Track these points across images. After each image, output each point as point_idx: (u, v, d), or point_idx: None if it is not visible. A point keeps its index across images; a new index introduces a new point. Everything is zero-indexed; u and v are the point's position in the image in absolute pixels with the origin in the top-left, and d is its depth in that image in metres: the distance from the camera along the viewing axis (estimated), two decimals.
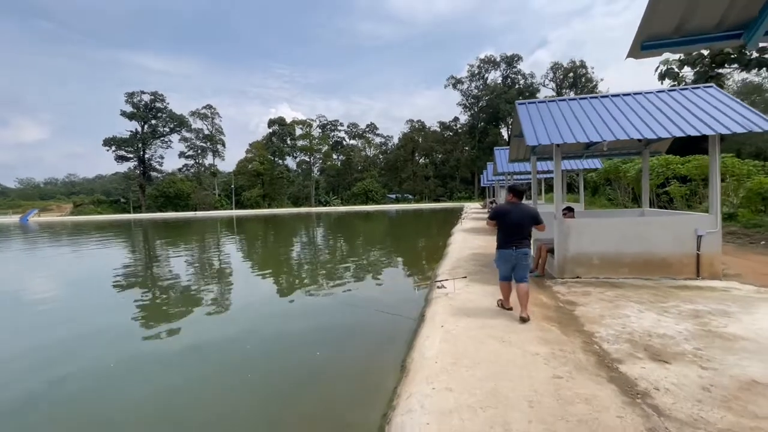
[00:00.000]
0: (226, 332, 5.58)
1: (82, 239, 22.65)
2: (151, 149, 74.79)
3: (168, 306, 7.15)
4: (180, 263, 12.42)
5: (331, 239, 19.18)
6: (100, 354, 4.91)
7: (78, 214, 64.43)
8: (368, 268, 10.16)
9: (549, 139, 6.09)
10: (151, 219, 48.87)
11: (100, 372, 4.37)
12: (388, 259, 11.63)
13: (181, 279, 9.63)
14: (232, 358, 4.66)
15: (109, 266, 12.01)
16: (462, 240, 11.61)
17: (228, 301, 7.48)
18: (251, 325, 5.91)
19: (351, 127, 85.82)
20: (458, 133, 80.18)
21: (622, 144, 8.09)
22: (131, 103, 72.30)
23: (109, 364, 4.54)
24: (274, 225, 31.25)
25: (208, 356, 4.75)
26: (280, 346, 5.10)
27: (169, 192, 67.31)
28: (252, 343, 5.08)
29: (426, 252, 12.81)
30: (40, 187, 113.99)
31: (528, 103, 7.37)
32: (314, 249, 15.32)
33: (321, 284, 8.38)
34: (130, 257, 14.33)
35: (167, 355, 4.88)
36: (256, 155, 71.92)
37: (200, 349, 4.98)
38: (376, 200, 70.36)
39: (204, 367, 4.44)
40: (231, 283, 9.23)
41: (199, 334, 5.57)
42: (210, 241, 19.59)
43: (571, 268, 6.10)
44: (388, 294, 7.35)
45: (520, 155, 9.37)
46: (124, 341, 5.38)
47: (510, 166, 14.82)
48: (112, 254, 15.47)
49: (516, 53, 73.64)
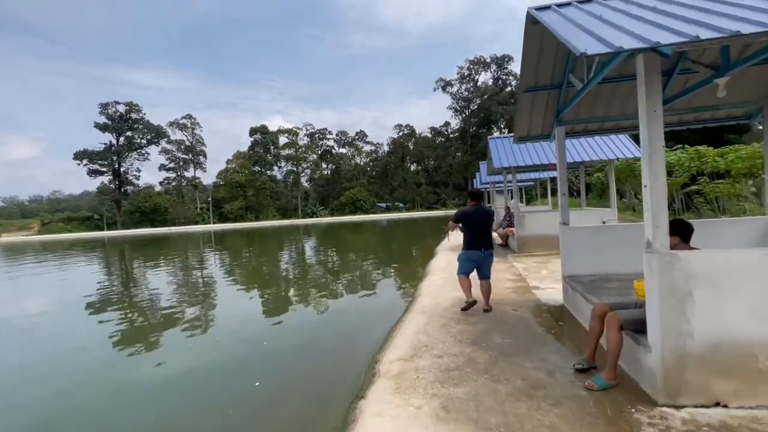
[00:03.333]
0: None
1: (26, 261, 20.03)
2: (127, 162, 70.95)
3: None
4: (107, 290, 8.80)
5: (283, 263, 15.63)
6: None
7: (46, 232, 60.17)
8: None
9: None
10: (116, 236, 44.87)
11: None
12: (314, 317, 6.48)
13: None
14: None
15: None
16: (446, 267, 8.11)
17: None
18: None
19: (340, 135, 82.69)
20: (450, 138, 77.28)
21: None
22: (105, 114, 68.62)
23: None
24: (243, 241, 27.56)
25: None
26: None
27: (145, 207, 63.27)
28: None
29: (384, 295, 7.37)
30: (24, 205, 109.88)
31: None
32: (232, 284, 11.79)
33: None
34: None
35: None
36: (237, 165, 68.19)
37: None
38: (365, 209, 66.78)
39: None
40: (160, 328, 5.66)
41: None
42: (159, 266, 15.90)
43: (698, 377, 2.31)
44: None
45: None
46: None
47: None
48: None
49: (507, 54, 71.27)
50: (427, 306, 5.17)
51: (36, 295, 10.77)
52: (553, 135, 5.02)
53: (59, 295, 10.22)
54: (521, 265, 7.70)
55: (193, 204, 69.82)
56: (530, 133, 5.27)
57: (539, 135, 5.29)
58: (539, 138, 5.39)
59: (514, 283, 6.17)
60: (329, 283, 9.33)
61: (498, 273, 7.04)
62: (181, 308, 7.42)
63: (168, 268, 14.73)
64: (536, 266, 7.47)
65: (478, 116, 70.95)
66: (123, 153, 69.74)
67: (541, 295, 5.34)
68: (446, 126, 78.17)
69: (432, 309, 4.99)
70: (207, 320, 6.63)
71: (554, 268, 7.11)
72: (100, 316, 7.30)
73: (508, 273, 7.04)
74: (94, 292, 9.65)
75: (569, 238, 4.56)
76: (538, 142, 5.94)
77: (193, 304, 7.91)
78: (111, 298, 9.09)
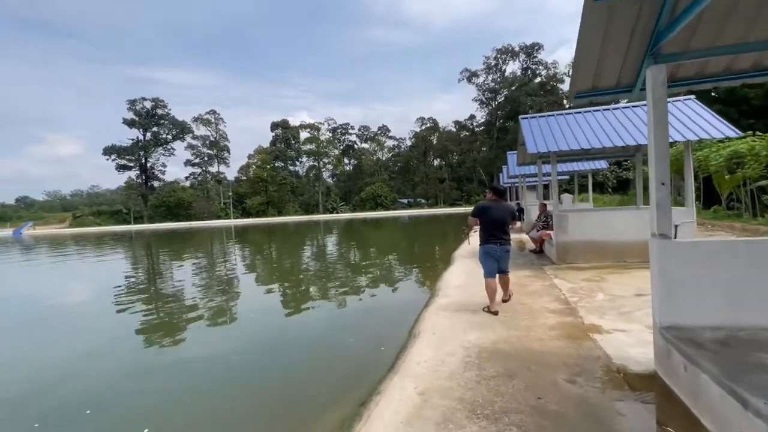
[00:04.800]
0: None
1: (55, 252, 20.84)
2: (153, 157, 72.31)
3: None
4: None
5: (284, 262, 14.07)
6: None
7: (77, 225, 62.12)
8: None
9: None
10: (141, 230, 45.33)
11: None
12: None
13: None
14: None
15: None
16: (463, 284, 6.20)
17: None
18: None
19: (362, 130, 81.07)
20: (475, 132, 74.05)
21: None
22: (133, 110, 70.01)
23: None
24: (255, 238, 26.47)
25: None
26: None
27: (169, 201, 64.12)
28: None
29: (364, 343, 4.62)
30: (66, 199, 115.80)
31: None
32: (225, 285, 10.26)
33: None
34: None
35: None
36: (257, 160, 67.98)
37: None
38: (385, 206, 65.00)
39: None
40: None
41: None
42: (164, 261, 14.82)
43: None
44: None
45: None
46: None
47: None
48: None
49: (536, 42, 67.26)
50: (423, 366, 3.25)
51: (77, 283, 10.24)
52: (640, 84, 2.97)
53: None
54: (565, 283, 5.70)
55: (217, 199, 70.30)
56: (598, 85, 3.09)
57: (614, 87, 3.13)
58: (616, 92, 3.17)
59: (559, 317, 4.21)
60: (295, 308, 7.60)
61: (534, 297, 5.09)
62: (206, 301, 7.22)
63: (185, 263, 13.54)
64: (587, 286, 5.45)
65: (504, 108, 67.38)
66: (149, 148, 71.11)
67: (609, 345, 3.38)
68: (471, 119, 74.98)
69: (429, 373, 3.09)
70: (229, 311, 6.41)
71: (615, 291, 5.08)
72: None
73: (548, 297, 5.07)
74: (120, 281, 9.27)
75: (676, 261, 2.56)
76: (615, 97, 3.26)
77: (215, 296, 7.99)
78: (141, 288, 7.82)
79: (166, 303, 7.59)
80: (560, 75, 65.74)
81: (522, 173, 15.02)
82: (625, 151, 8.67)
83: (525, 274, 6.53)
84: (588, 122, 7.40)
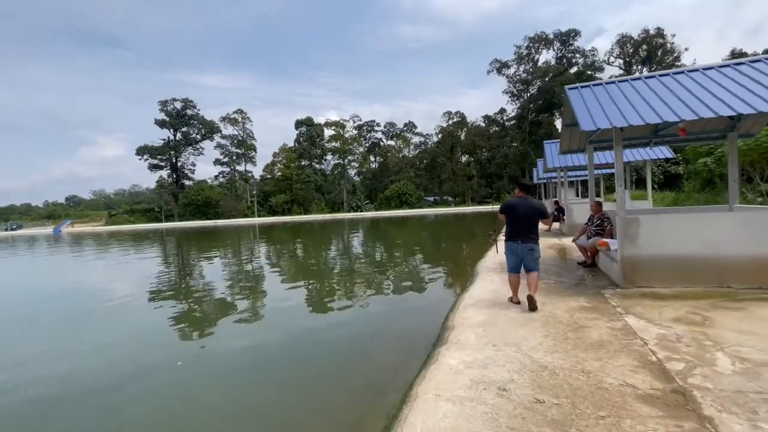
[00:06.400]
0: None
1: (87, 248, 22.87)
2: (183, 156, 73.84)
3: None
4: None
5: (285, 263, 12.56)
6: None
7: (113, 224, 64.44)
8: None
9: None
10: (172, 228, 45.95)
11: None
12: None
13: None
14: None
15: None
16: (489, 320, 4.32)
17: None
18: None
19: (388, 127, 79.20)
20: (505, 126, 70.36)
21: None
22: (164, 111, 71.70)
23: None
24: (276, 236, 25.41)
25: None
26: None
27: (197, 200, 65.17)
28: None
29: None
30: (110, 198, 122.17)
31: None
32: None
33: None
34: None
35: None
36: (282, 158, 67.80)
37: None
38: (410, 204, 62.94)
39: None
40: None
41: None
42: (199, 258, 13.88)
43: None
44: None
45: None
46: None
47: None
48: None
49: (573, 28, 62.72)
50: None
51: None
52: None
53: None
54: (648, 326, 3.66)
55: (245, 197, 70.85)
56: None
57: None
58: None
59: (662, 418, 2.27)
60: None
61: (602, 355, 3.12)
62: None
63: (207, 260, 12.45)
64: (687, 335, 3.40)
65: (537, 101, 63.46)
66: (179, 148, 72.67)
67: None
68: (501, 113, 71.27)
69: None
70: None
71: (744, 348, 3.04)
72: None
73: (625, 356, 3.07)
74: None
75: None
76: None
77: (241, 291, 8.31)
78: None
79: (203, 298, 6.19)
80: (599, 63, 61.07)
81: (562, 165, 12.64)
82: (715, 129, 6.44)
83: (578, 304, 4.54)
84: (669, 88, 5.21)
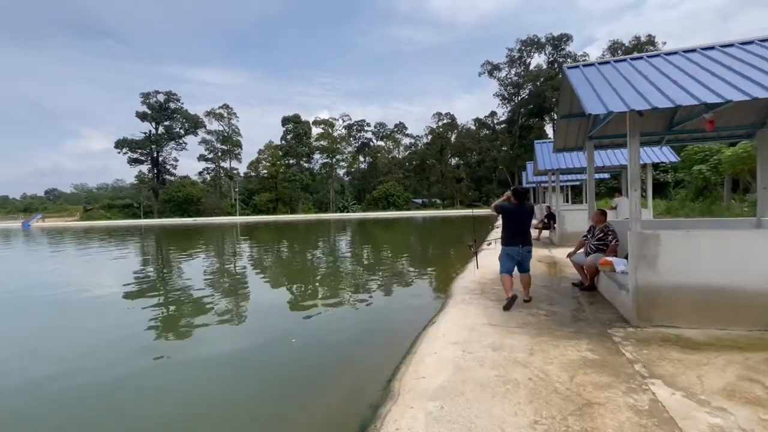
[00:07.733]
0: None
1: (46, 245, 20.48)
2: (165, 151, 71.26)
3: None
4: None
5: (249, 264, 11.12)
6: None
7: (87, 219, 61.64)
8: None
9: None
10: (147, 225, 43.77)
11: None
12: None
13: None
14: None
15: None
16: (451, 380, 3.10)
17: None
18: None
19: (378, 128, 77.93)
20: (495, 129, 69.78)
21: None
22: (146, 103, 69.06)
23: None
24: (255, 237, 23.83)
25: None
26: None
27: (178, 196, 62.81)
28: None
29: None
30: (92, 192, 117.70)
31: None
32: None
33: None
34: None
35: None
36: (268, 155, 65.92)
37: None
38: (398, 205, 61.74)
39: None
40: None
41: None
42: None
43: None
44: None
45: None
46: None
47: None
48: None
49: (565, 33, 62.46)
50: None
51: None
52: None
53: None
54: (694, 410, 2.38)
55: (229, 195, 68.68)
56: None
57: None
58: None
59: None
60: None
61: None
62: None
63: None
64: (756, 428, 2.18)
65: (528, 104, 62.95)
66: (161, 142, 70.08)
67: None
68: (492, 116, 70.71)
69: None
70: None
71: None
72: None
73: None
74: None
75: None
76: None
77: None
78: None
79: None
80: None
81: (555, 167, 11.39)
82: (742, 125, 5.29)
83: (578, 355, 3.19)
84: (699, 64, 4.01)
